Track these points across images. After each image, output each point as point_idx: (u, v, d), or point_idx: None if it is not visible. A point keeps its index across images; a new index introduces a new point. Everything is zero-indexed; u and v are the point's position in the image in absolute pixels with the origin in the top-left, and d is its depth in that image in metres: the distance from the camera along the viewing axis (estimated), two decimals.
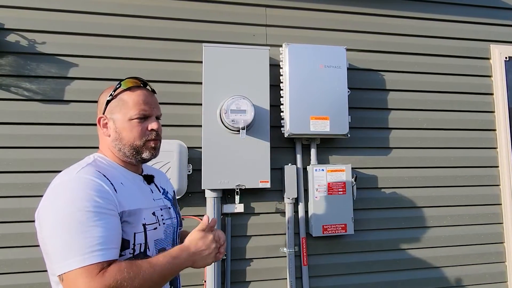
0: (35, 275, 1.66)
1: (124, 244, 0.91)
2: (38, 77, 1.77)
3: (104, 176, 0.92)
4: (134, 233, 0.93)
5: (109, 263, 0.83)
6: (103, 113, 1.02)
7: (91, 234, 0.82)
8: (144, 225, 0.96)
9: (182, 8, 1.95)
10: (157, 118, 1.06)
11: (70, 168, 0.94)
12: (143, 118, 1.01)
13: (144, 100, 1.02)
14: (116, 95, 1.01)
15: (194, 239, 0.98)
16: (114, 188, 0.92)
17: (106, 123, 1.02)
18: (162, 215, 1.05)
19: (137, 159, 1.03)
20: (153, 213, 1.01)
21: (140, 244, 0.94)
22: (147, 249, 0.96)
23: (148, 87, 1.09)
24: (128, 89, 1.02)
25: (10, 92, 1.73)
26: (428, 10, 2.25)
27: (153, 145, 1.03)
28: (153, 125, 1.02)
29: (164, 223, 1.04)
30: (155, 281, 0.86)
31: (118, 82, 1.03)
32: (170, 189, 1.23)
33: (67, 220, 0.82)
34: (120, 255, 0.90)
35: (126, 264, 0.84)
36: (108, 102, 1.01)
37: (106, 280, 0.79)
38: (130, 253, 0.92)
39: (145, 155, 1.02)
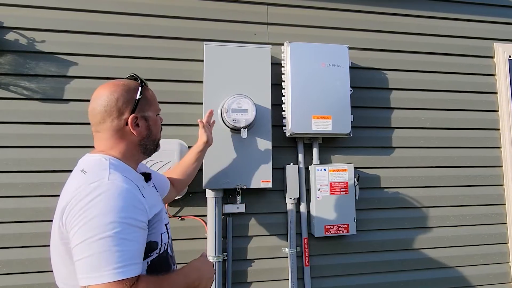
0: (35, 275, 1.64)
1: (153, 246, 0.94)
2: (37, 75, 1.75)
3: (133, 182, 0.91)
4: (161, 234, 0.97)
5: (138, 278, 0.83)
6: (134, 112, 0.98)
7: (125, 247, 0.80)
8: (166, 224, 1.01)
9: (183, 6, 1.93)
10: None
11: (94, 173, 0.88)
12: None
13: (155, 95, 1.10)
14: (142, 93, 1.01)
15: (202, 261, 1.05)
16: (142, 195, 0.91)
17: (138, 123, 0.99)
18: (166, 212, 1.08)
19: (151, 153, 1.08)
20: (165, 212, 1.07)
21: (166, 243, 0.99)
22: (169, 247, 1.03)
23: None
24: (145, 85, 1.05)
25: (9, 91, 1.71)
26: (431, 8, 2.23)
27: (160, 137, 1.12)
28: (161, 118, 1.11)
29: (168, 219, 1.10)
30: None
31: (139, 80, 1.03)
32: (157, 182, 1.22)
33: (102, 231, 0.79)
34: (149, 256, 0.93)
35: (153, 280, 0.87)
36: (138, 100, 0.99)
37: None
38: (157, 253, 0.95)
39: (158, 148, 1.10)
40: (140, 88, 1.00)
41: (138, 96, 0.98)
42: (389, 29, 2.16)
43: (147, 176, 1.06)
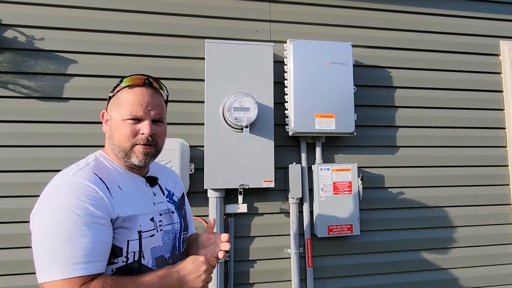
0: (33, 276, 1.61)
1: (117, 252, 0.86)
2: (37, 74, 1.73)
3: (101, 179, 0.87)
4: (128, 241, 0.88)
5: (93, 277, 0.79)
6: (106, 109, 0.99)
7: (77, 244, 0.78)
8: (139, 232, 0.90)
9: (184, 3, 1.90)
10: (157, 121, 0.97)
11: (67, 169, 0.89)
12: (136, 119, 0.93)
13: (140, 100, 0.93)
14: (116, 92, 0.97)
15: (185, 261, 0.94)
16: (110, 193, 0.87)
17: (107, 120, 0.98)
18: (160, 221, 0.98)
19: (127, 163, 0.95)
20: (152, 219, 0.95)
21: (134, 252, 0.89)
22: (142, 258, 0.91)
23: (156, 85, 1.01)
24: (128, 86, 0.95)
25: (7, 89, 1.69)
26: (436, 6, 2.19)
27: (142, 150, 0.93)
28: (144, 128, 0.92)
29: (161, 230, 0.97)
30: None
31: (120, 78, 0.98)
32: (178, 190, 1.16)
33: (54, 227, 0.78)
34: (113, 263, 0.86)
35: (111, 281, 0.80)
36: (110, 98, 0.98)
37: None
38: (123, 261, 0.87)
39: (134, 160, 0.94)
40: (114, 86, 0.98)
41: (110, 93, 0.98)
42: (393, 26, 2.13)
43: (151, 180, 1.03)
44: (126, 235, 0.88)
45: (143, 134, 0.93)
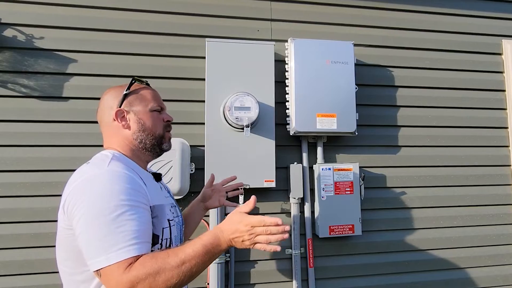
0: (33, 277, 1.61)
1: (154, 239, 0.91)
2: (36, 73, 1.72)
3: (133, 170, 0.94)
4: (163, 228, 0.94)
5: (138, 257, 0.81)
6: (120, 107, 1.02)
7: (127, 228, 0.81)
8: (169, 220, 0.98)
9: (184, 1, 1.89)
10: None
11: (96, 163, 0.92)
12: (161, 110, 1.08)
13: (156, 95, 1.09)
14: (133, 90, 1.04)
15: (230, 222, 0.91)
16: (143, 182, 0.93)
17: (124, 116, 1.02)
18: (173, 213, 1.06)
19: (156, 150, 1.05)
20: (170, 209, 1.03)
21: (167, 239, 0.96)
22: (171, 245, 0.98)
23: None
24: (141, 85, 1.09)
25: (7, 88, 1.68)
26: (438, 4, 2.18)
27: (169, 136, 1.10)
28: (167, 116, 1.09)
29: (176, 220, 1.06)
30: (186, 273, 0.82)
31: (131, 78, 1.06)
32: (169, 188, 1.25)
33: (102, 214, 0.81)
34: (150, 250, 0.90)
35: (150, 256, 0.81)
36: (126, 95, 1.03)
37: (129, 276, 0.77)
38: (158, 248, 0.93)
39: (165, 146, 1.07)
40: (128, 85, 1.04)
41: (125, 91, 1.03)
42: (395, 25, 2.12)
43: (157, 176, 1.09)
44: (160, 223, 0.94)
45: (168, 121, 1.09)
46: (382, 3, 2.10)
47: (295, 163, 1.86)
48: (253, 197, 0.95)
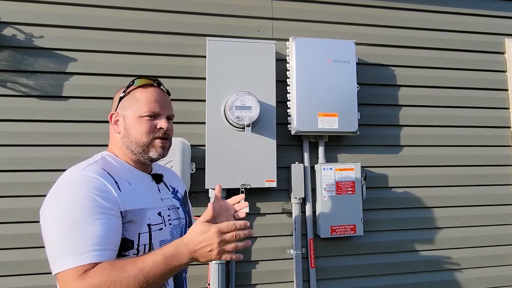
0: (32, 277, 1.60)
1: (128, 245, 0.89)
2: (36, 72, 1.71)
3: (109, 174, 0.91)
4: (139, 233, 0.91)
5: (95, 264, 0.80)
6: (115, 110, 1.02)
7: (89, 233, 0.80)
8: (149, 225, 0.94)
9: (185, 0, 1.88)
10: (168, 118, 1.04)
11: (75, 166, 0.93)
12: (153, 116, 1.00)
13: (155, 98, 1.01)
14: (128, 92, 1.02)
15: (194, 233, 0.85)
16: (118, 186, 0.90)
17: (117, 120, 1.01)
18: (169, 215, 1.02)
19: (144, 157, 1.01)
20: (159, 213, 0.99)
21: (145, 244, 0.92)
22: (152, 250, 0.93)
23: (162, 87, 1.09)
24: (141, 86, 1.03)
25: (6, 87, 1.67)
26: (441, 3, 2.17)
27: (160, 144, 1.00)
28: (162, 123, 1.00)
29: (170, 224, 1.02)
30: (143, 284, 0.78)
31: (132, 79, 1.04)
32: (181, 188, 1.21)
33: (66, 218, 0.81)
34: (124, 255, 0.88)
35: (109, 264, 0.79)
36: (121, 98, 1.02)
37: (83, 283, 0.76)
38: (134, 254, 0.90)
39: (152, 154, 1.00)
40: (126, 87, 1.02)
41: (121, 94, 1.02)
42: (397, 24, 2.11)
43: (156, 177, 1.07)
44: (136, 228, 0.91)
45: (161, 128, 1.00)
46: (384, 1, 2.09)
47: (297, 163, 1.85)
48: (210, 204, 0.90)
